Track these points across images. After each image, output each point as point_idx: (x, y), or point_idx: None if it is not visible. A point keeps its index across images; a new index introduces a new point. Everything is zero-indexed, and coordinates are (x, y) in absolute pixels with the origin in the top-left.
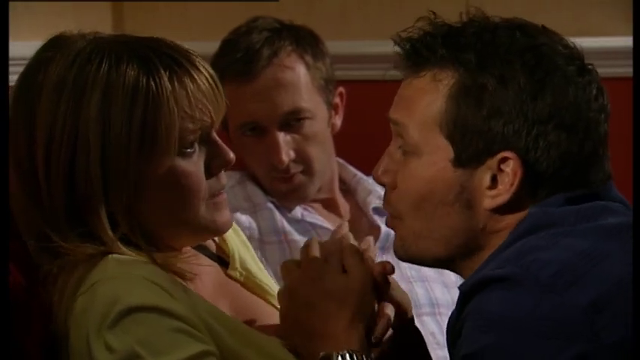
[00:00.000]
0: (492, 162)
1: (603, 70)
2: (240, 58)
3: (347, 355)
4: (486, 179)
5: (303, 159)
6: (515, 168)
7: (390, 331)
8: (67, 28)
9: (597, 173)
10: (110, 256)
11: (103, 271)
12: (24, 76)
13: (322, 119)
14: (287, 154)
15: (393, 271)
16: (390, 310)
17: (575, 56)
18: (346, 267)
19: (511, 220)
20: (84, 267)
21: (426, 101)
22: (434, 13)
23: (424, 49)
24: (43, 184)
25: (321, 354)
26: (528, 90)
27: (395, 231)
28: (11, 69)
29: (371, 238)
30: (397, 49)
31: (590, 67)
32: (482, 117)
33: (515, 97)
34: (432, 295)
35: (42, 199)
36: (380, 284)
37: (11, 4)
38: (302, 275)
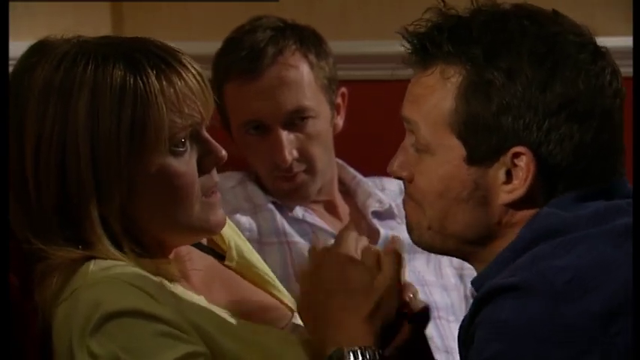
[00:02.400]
0: (505, 157)
1: None
2: (245, 56)
3: (358, 352)
4: (501, 175)
5: (306, 158)
6: (529, 162)
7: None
8: (66, 29)
9: (613, 167)
10: (92, 261)
11: (85, 276)
12: (10, 83)
13: (325, 119)
14: (290, 153)
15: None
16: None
17: (588, 42)
18: (381, 264)
19: (526, 213)
20: (65, 272)
21: (436, 99)
22: (443, 2)
23: (430, 45)
24: (32, 187)
25: (332, 349)
26: (537, 82)
27: (409, 214)
28: (11, 69)
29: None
30: (404, 43)
31: (603, 50)
32: (491, 113)
33: (524, 90)
34: (430, 299)
35: (30, 203)
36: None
37: (11, 4)
38: (332, 260)
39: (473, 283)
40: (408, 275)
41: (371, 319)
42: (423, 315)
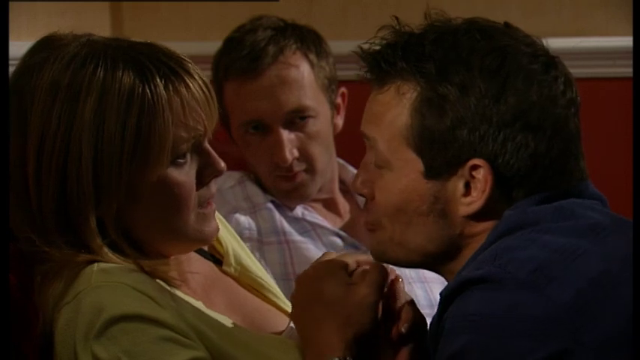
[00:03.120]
0: (463, 170)
1: (603, 70)
2: (246, 55)
3: None
4: (459, 187)
5: (306, 158)
6: (486, 174)
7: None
8: (66, 29)
9: (571, 172)
10: (95, 264)
11: (88, 280)
12: (15, 78)
13: (325, 118)
14: (291, 153)
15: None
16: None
17: (540, 53)
18: (361, 280)
19: (488, 223)
20: (67, 275)
21: (392, 116)
22: (397, 19)
23: (385, 63)
24: (33, 187)
25: None
26: (490, 95)
27: (372, 235)
28: (11, 69)
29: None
30: (361, 62)
31: (556, 60)
32: (446, 127)
33: (478, 103)
34: (431, 296)
35: (30, 203)
36: (404, 328)
37: (11, 4)
38: (310, 273)
39: (441, 294)
40: (408, 273)
41: (342, 329)
42: (419, 330)
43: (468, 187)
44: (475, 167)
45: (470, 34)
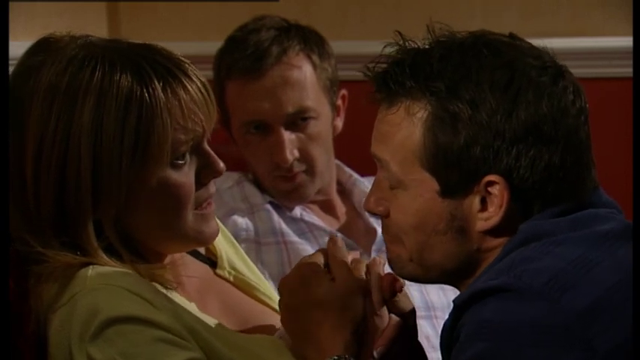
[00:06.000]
0: (479, 187)
1: (603, 70)
2: (249, 55)
3: None
4: (476, 203)
5: (306, 159)
6: (502, 190)
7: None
8: (63, 29)
9: (584, 182)
10: (91, 266)
11: (84, 282)
12: (12, 81)
13: (326, 119)
14: (291, 153)
15: (401, 289)
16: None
17: (548, 64)
18: (333, 274)
19: (505, 237)
20: (63, 277)
21: (403, 136)
22: (401, 35)
23: (393, 83)
24: (31, 190)
25: None
26: (501, 110)
27: (388, 249)
28: (9, 70)
29: (379, 259)
30: (368, 81)
31: (564, 70)
32: (460, 145)
33: (489, 119)
34: (427, 298)
35: (28, 205)
36: (386, 294)
37: (9, 5)
38: (290, 280)
39: (454, 301)
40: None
41: (341, 328)
42: (408, 314)
43: (484, 202)
44: (491, 183)
45: (477, 49)
